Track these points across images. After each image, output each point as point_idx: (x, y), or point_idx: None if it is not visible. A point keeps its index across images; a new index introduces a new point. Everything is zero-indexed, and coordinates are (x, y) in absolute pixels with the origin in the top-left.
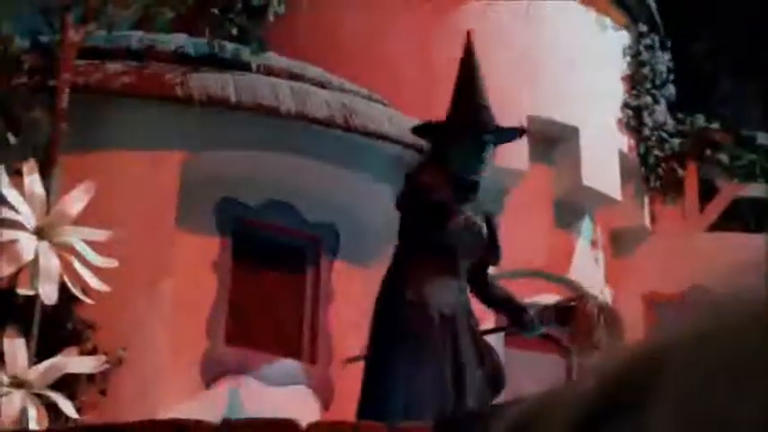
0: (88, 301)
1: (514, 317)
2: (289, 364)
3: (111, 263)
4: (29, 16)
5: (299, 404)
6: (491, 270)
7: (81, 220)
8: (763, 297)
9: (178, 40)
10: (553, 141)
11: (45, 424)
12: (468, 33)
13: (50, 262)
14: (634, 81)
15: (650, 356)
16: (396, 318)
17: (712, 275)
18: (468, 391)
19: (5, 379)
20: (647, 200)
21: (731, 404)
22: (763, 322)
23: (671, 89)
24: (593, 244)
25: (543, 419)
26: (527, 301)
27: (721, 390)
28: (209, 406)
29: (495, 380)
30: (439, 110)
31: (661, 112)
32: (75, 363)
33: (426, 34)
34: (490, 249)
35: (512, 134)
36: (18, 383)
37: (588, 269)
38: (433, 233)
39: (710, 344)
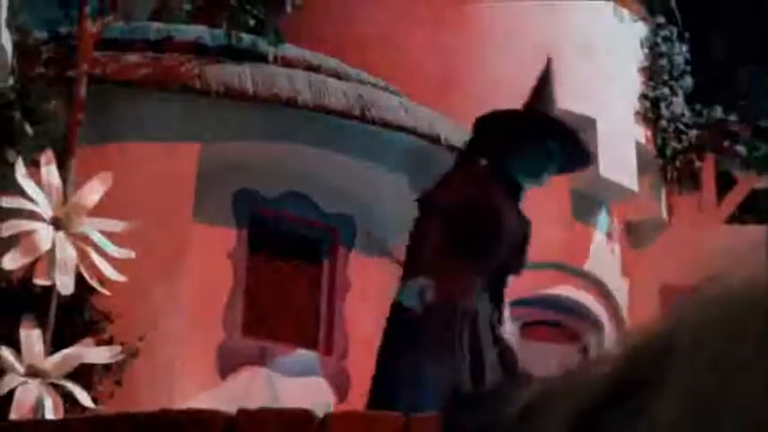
0: (105, 291)
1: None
2: (305, 355)
3: (127, 253)
4: (47, 7)
5: (315, 395)
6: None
7: (98, 211)
8: (765, 284)
9: (196, 32)
10: None
11: (61, 413)
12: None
13: (67, 252)
14: (651, 72)
15: (657, 345)
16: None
17: (719, 264)
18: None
19: (22, 368)
20: (664, 191)
21: (733, 389)
22: (764, 308)
23: (688, 81)
24: (610, 236)
25: (551, 406)
26: (545, 292)
27: (724, 375)
28: (226, 396)
29: (510, 371)
30: (454, 101)
31: (678, 103)
32: (91, 353)
33: (442, 25)
34: (516, 257)
35: (578, 161)
36: (35, 373)
37: (605, 261)
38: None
39: (715, 330)
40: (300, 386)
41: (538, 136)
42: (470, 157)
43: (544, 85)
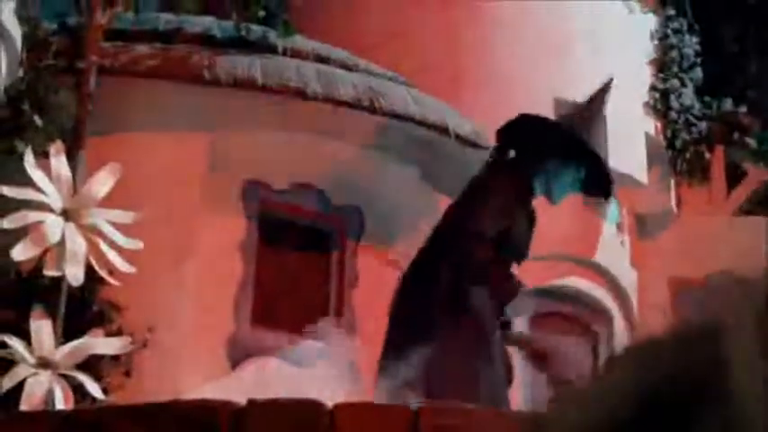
0: (114, 282)
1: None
2: (314, 346)
3: (136, 244)
4: None
5: (324, 385)
6: None
7: (107, 202)
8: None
9: (205, 23)
10: None
11: (71, 404)
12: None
13: (77, 243)
14: (661, 64)
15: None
16: (448, 307)
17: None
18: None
19: (33, 359)
20: (673, 183)
21: None
22: None
23: (698, 72)
24: (619, 227)
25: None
26: (555, 283)
27: None
28: (235, 387)
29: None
30: (463, 93)
31: (688, 95)
32: (100, 344)
33: (451, 16)
34: (522, 248)
35: (599, 189)
36: (44, 364)
37: (614, 252)
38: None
39: None
40: (310, 376)
41: (572, 157)
42: (501, 162)
43: (595, 107)
